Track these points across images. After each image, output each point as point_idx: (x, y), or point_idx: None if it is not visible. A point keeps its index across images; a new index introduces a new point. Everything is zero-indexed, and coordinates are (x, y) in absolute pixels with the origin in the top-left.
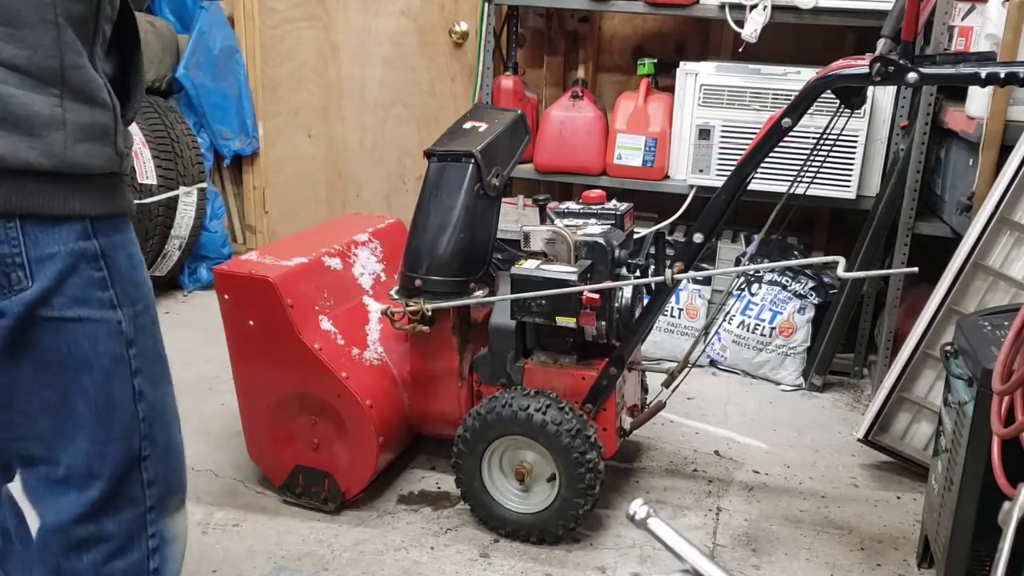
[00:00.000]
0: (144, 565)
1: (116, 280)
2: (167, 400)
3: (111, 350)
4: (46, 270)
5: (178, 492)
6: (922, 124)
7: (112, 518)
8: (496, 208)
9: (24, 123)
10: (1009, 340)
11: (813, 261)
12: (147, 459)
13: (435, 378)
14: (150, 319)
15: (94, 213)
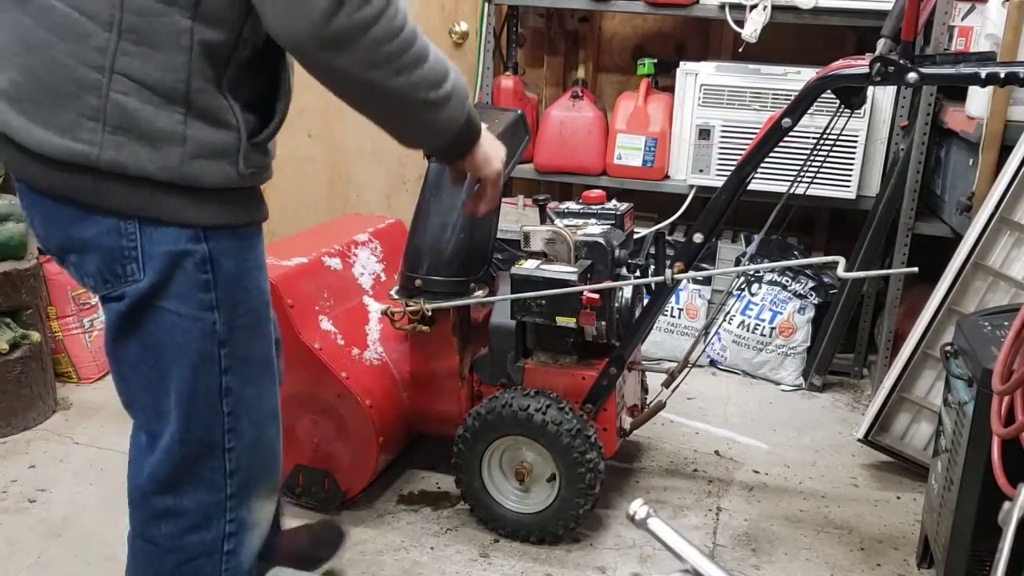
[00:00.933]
0: (218, 545)
1: (220, 284)
2: (262, 399)
3: (202, 347)
4: (156, 265)
5: (265, 483)
6: (922, 124)
7: (189, 496)
8: (496, 208)
9: (147, 136)
10: (1009, 340)
11: (813, 261)
12: (231, 450)
13: (435, 378)
14: (253, 321)
15: (205, 223)
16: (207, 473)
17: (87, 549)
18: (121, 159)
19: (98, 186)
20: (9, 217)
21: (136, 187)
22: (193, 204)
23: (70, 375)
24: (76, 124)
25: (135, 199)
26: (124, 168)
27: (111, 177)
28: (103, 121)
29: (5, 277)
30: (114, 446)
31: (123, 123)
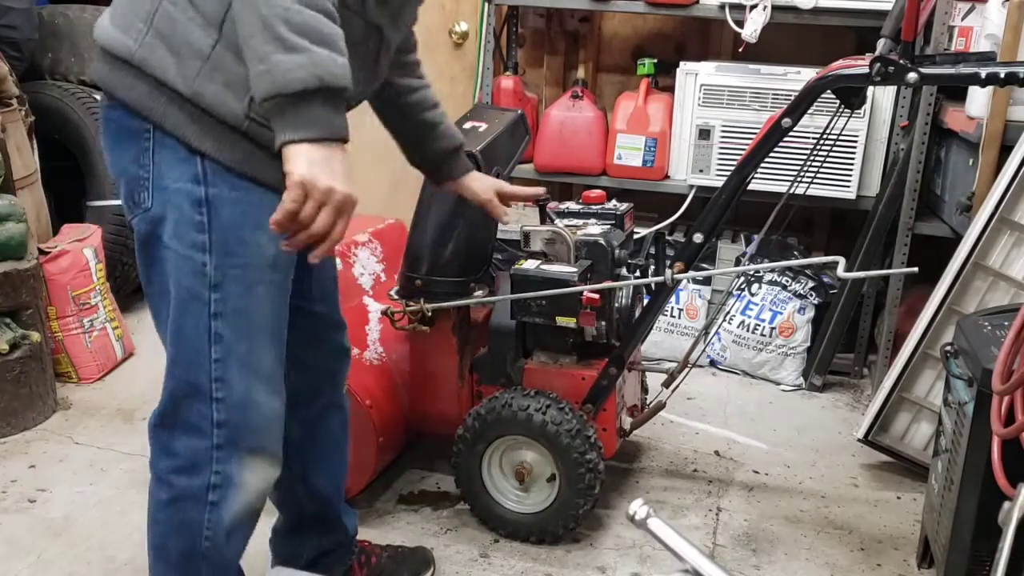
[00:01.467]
0: (203, 494)
1: (215, 228)
2: (257, 358)
3: (191, 286)
4: (161, 197)
5: (254, 444)
6: (922, 124)
7: (178, 438)
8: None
9: (178, 47)
10: (1009, 340)
11: (813, 261)
12: (219, 400)
13: (435, 378)
14: (251, 278)
15: (200, 148)
16: (195, 418)
17: (87, 549)
18: (150, 59)
19: (128, 79)
20: (9, 217)
21: (156, 88)
22: (195, 124)
23: (70, 375)
24: (131, 23)
25: (150, 99)
26: (151, 68)
27: (139, 74)
28: (150, 24)
29: (5, 277)
30: (114, 446)
31: (163, 30)
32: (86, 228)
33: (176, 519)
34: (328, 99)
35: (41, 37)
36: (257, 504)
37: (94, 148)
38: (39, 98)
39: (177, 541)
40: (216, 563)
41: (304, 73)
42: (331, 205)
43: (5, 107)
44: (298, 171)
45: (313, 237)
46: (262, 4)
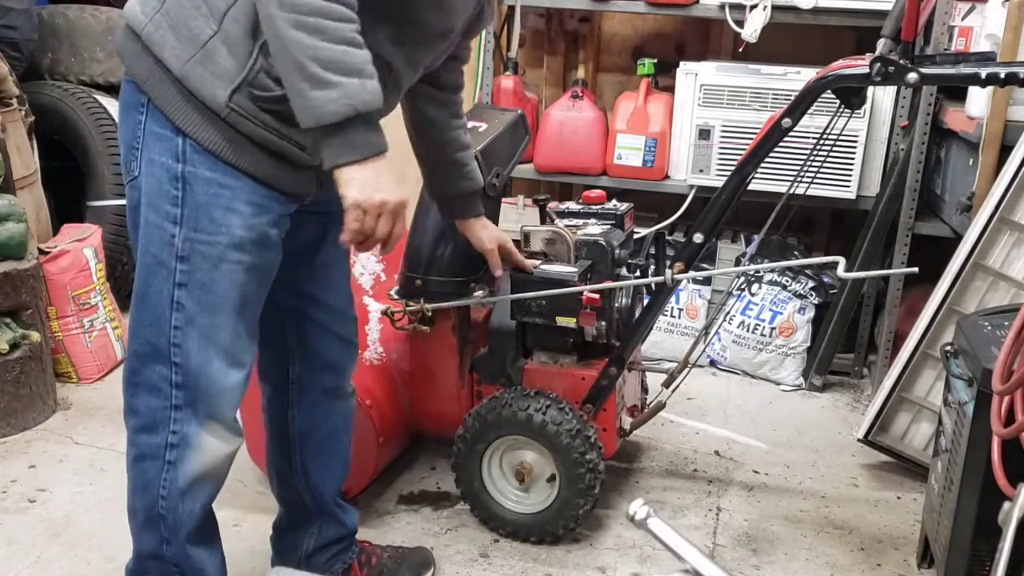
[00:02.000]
0: (162, 452)
1: (187, 204)
2: (216, 332)
3: (157, 252)
4: (145, 168)
5: (212, 416)
6: (922, 124)
7: (140, 396)
8: (496, 208)
9: (180, 31)
10: (1009, 340)
11: (813, 261)
12: (178, 365)
13: (435, 378)
14: (218, 255)
15: (181, 126)
16: (155, 379)
17: (87, 549)
18: (154, 36)
19: (135, 52)
20: (9, 217)
21: (153, 65)
22: (181, 104)
23: (70, 375)
24: (148, 1)
25: (148, 74)
26: (152, 44)
27: (144, 48)
28: (162, 4)
29: (5, 277)
30: (114, 446)
31: (172, 10)
32: (86, 228)
33: (140, 477)
34: (364, 122)
35: (41, 37)
36: (215, 470)
37: (94, 148)
38: (39, 98)
39: (141, 499)
40: (169, 522)
41: (338, 106)
42: (386, 214)
43: (5, 107)
44: (351, 195)
45: (379, 240)
46: (293, 46)
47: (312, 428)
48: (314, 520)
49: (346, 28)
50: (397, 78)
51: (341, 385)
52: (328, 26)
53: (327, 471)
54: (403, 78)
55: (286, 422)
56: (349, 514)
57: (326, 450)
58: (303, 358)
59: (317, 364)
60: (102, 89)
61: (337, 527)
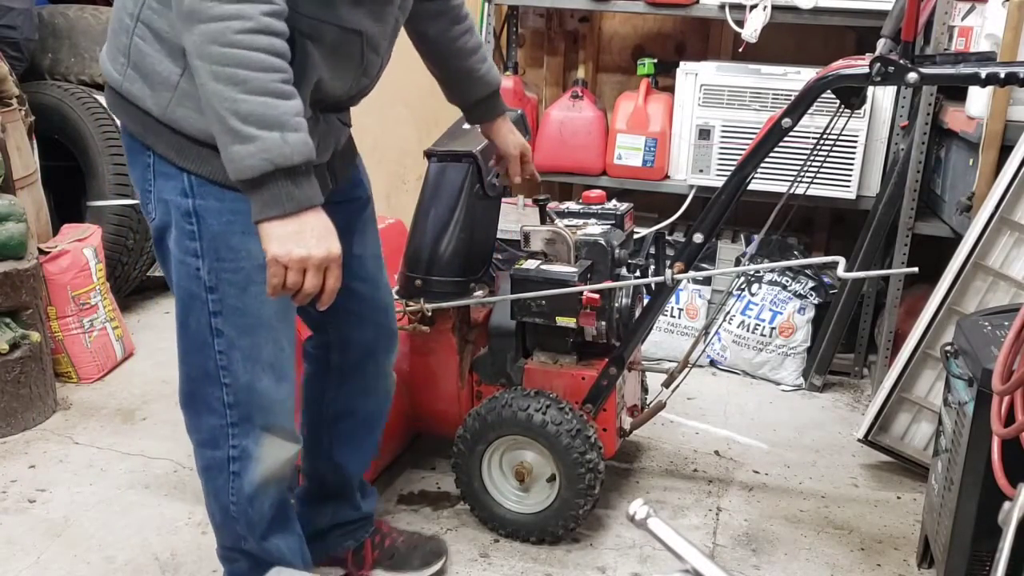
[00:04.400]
0: (225, 465)
1: (204, 236)
2: (257, 351)
3: (189, 287)
4: (160, 209)
5: (268, 428)
6: (922, 124)
7: (199, 415)
8: (496, 208)
9: (150, 77)
10: (1009, 340)
11: (813, 261)
12: (228, 385)
13: (435, 378)
14: (244, 279)
15: (186, 167)
16: (211, 400)
17: (87, 549)
18: (133, 91)
19: (123, 107)
20: (9, 217)
21: (142, 116)
22: (176, 146)
23: (70, 375)
24: (115, 57)
25: (140, 125)
26: (134, 98)
27: (127, 103)
28: (128, 57)
29: (5, 277)
30: (114, 446)
31: (137, 62)
32: (86, 228)
33: (210, 485)
34: (287, 176)
35: (41, 37)
36: (278, 473)
37: (94, 148)
38: (39, 98)
39: (215, 503)
40: (246, 523)
41: (256, 160)
42: (311, 269)
43: (5, 107)
44: (271, 250)
45: (308, 295)
46: (214, 99)
47: (348, 413)
48: (333, 498)
49: (269, 79)
50: (373, 41)
51: (380, 372)
52: (248, 77)
53: (355, 455)
54: (379, 39)
55: (322, 402)
56: (369, 498)
57: (357, 436)
58: (343, 348)
59: (357, 353)
60: (102, 89)
61: (354, 509)
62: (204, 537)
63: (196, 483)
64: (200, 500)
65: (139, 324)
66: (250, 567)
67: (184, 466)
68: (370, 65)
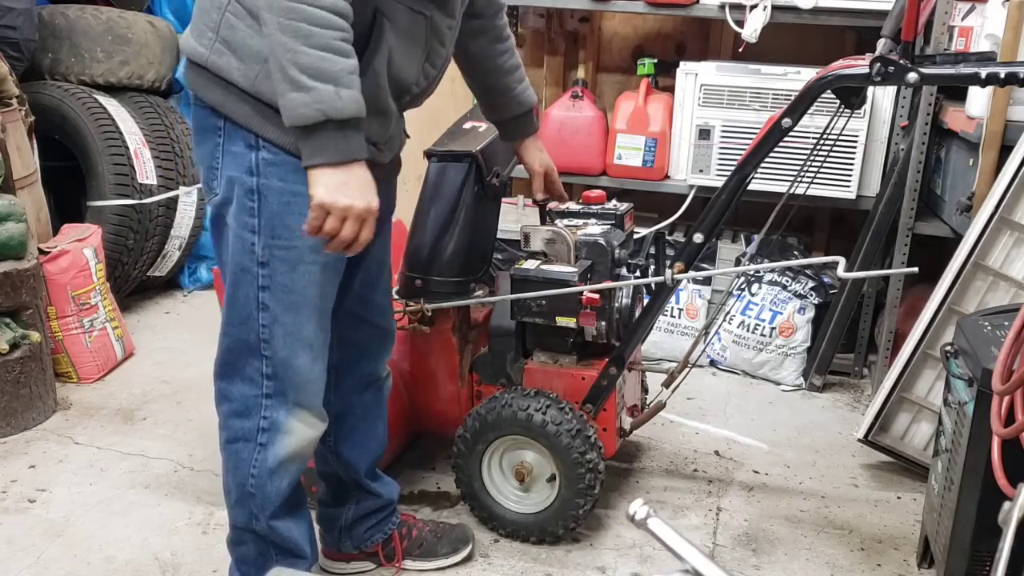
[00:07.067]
0: (254, 435)
1: (263, 214)
2: (299, 328)
3: (242, 261)
4: (224, 185)
5: (300, 404)
6: (922, 124)
7: (235, 385)
8: (496, 208)
9: (240, 51)
10: (1009, 340)
11: (813, 261)
12: (268, 358)
13: (435, 378)
14: (295, 257)
15: (264, 135)
16: (248, 370)
17: (87, 549)
18: (219, 63)
19: (204, 81)
20: (9, 217)
21: (225, 87)
22: (258, 116)
23: (70, 375)
24: (202, 33)
25: (222, 97)
26: (220, 71)
27: (212, 76)
28: (217, 32)
29: (5, 277)
30: (114, 446)
31: (227, 37)
32: (86, 228)
33: (232, 458)
34: (337, 128)
35: (41, 37)
36: (302, 452)
37: (94, 148)
38: (39, 98)
39: (234, 478)
40: (259, 500)
41: (310, 110)
42: (351, 219)
43: (5, 107)
44: (317, 195)
45: (342, 244)
46: (277, 48)
47: (347, 411)
48: (352, 493)
49: (330, 35)
50: (438, 29)
51: (376, 371)
52: (311, 31)
53: (360, 449)
54: (442, 27)
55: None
56: (388, 486)
57: (358, 431)
58: (341, 347)
59: (354, 352)
60: (102, 89)
61: (374, 499)
62: (204, 537)
63: (196, 483)
64: (200, 500)
65: (139, 324)
66: (258, 552)
67: (184, 466)
68: (433, 53)
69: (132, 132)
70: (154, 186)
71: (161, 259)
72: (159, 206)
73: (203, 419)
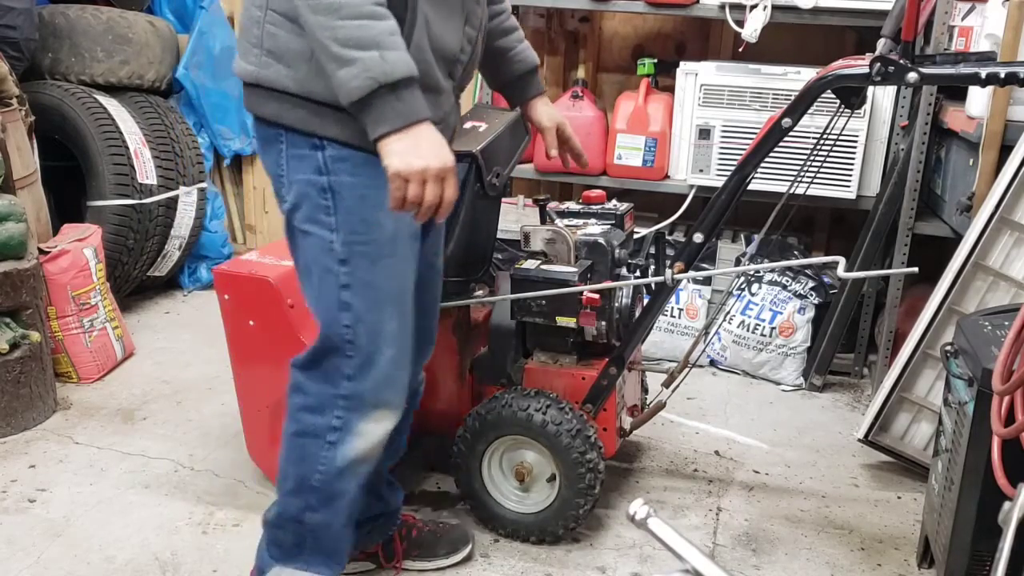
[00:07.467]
0: (324, 434)
1: (339, 210)
2: (383, 324)
3: (323, 262)
4: (294, 190)
5: (380, 402)
6: (922, 124)
7: (312, 379)
8: (496, 208)
9: (286, 57)
10: (1009, 340)
11: (813, 261)
12: (351, 358)
13: (435, 378)
14: (375, 252)
15: (325, 134)
16: (330, 368)
17: (87, 549)
18: (269, 75)
19: (259, 97)
20: (9, 217)
21: (279, 96)
22: (316, 117)
23: (70, 375)
24: (248, 51)
25: (277, 107)
26: (271, 83)
27: (265, 91)
28: (261, 46)
29: (5, 277)
30: (114, 446)
31: (271, 48)
32: (86, 228)
33: (297, 450)
34: (391, 91)
35: (41, 37)
36: (372, 452)
37: (94, 148)
38: (39, 98)
39: (295, 468)
40: (323, 495)
41: (360, 81)
42: (430, 180)
43: (5, 107)
44: (392, 165)
45: (430, 208)
46: (316, 30)
47: None
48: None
49: (361, 1)
50: None
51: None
52: (342, 3)
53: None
54: None
55: None
56: (396, 494)
57: None
58: None
59: None
60: (102, 89)
61: (382, 504)
62: (204, 537)
63: (196, 483)
64: (200, 500)
65: (139, 324)
66: (294, 542)
67: (184, 466)
68: (471, 14)
69: (132, 132)
70: (154, 186)
71: (161, 259)
72: (159, 206)
73: (203, 419)
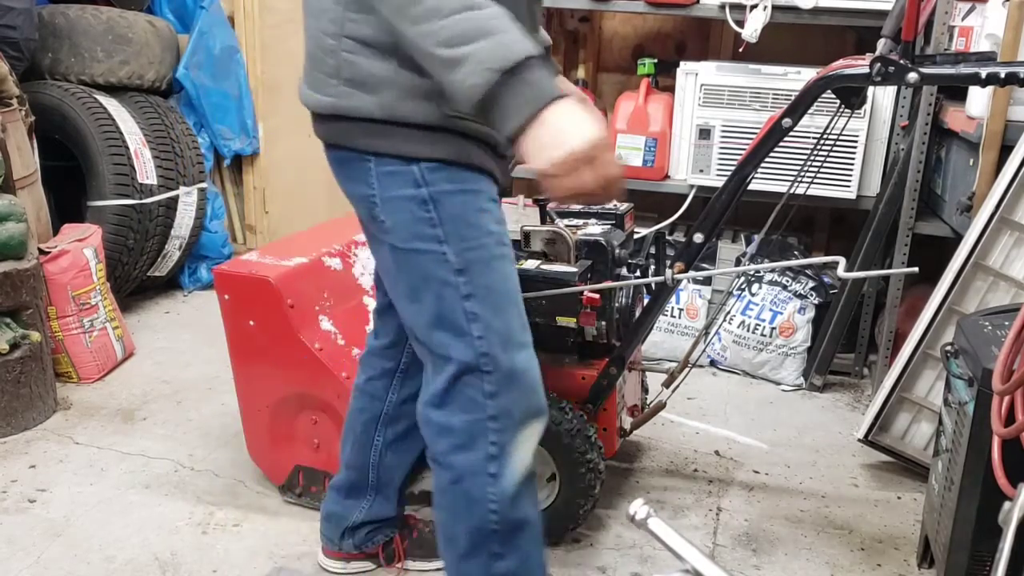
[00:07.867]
0: (482, 466)
1: (445, 221)
2: (512, 328)
3: (440, 276)
4: (391, 210)
5: (528, 413)
6: (922, 124)
7: (454, 414)
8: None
9: (368, 84)
10: (1009, 340)
11: (813, 261)
12: (488, 374)
13: None
14: (488, 255)
15: (418, 155)
16: (470, 393)
17: (87, 549)
18: (351, 104)
19: (341, 129)
20: (9, 217)
21: (366, 126)
22: (408, 141)
23: (70, 375)
24: (323, 82)
25: (365, 137)
26: (356, 112)
27: (349, 121)
28: (339, 76)
29: (5, 277)
30: (114, 446)
31: (351, 76)
32: (86, 228)
33: (461, 500)
34: (513, 77)
35: (41, 37)
36: (531, 462)
37: (94, 148)
38: (39, 98)
39: (465, 523)
40: (504, 536)
41: (477, 77)
42: (581, 164)
43: (5, 107)
44: (537, 164)
45: (597, 193)
46: (420, 40)
47: (403, 415)
48: (369, 495)
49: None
50: None
51: None
52: (439, 4)
53: (402, 458)
54: None
55: (383, 399)
56: (404, 503)
57: (408, 439)
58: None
59: None
60: (102, 89)
61: (389, 508)
62: (204, 537)
63: (196, 483)
64: (200, 500)
65: (139, 324)
66: None
67: (184, 466)
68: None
69: (132, 132)
70: (154, 186)
71: (161, 259)
72: (159, 206)
73: (203, 419)
